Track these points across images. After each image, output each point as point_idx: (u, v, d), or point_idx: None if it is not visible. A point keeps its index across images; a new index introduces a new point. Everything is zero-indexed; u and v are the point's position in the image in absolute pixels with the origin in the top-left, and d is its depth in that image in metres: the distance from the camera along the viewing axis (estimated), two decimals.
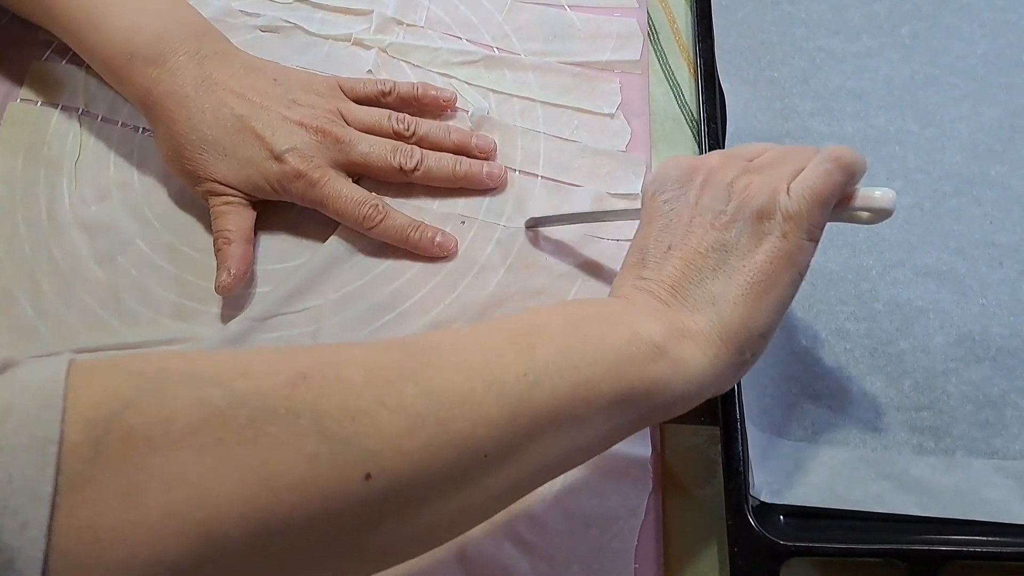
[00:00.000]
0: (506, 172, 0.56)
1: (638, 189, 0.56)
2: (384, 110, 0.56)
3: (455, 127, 0.57)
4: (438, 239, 0.54)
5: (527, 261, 0.54)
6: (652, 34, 0.63)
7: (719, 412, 0.49)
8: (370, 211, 0.53)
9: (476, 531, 0.46)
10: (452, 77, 0.60)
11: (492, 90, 0.60)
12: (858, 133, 0.59)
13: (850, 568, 0.47)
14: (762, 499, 0.47)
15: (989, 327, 0.53)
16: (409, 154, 0.54)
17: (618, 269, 0.43)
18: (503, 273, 0.54)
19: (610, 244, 0.55)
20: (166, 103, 0.51)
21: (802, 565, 0.47)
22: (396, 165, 0.54)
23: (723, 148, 0.56)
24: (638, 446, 0.49)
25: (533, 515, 0.47)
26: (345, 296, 0.53)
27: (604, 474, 0.48)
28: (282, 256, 0.54)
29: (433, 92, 0.58)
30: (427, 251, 0.54)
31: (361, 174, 0.55)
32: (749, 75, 0.60)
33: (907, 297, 0.54)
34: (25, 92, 0.59)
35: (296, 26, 0.62)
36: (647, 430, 0.49)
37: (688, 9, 0.64)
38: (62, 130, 0.57)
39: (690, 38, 0.63)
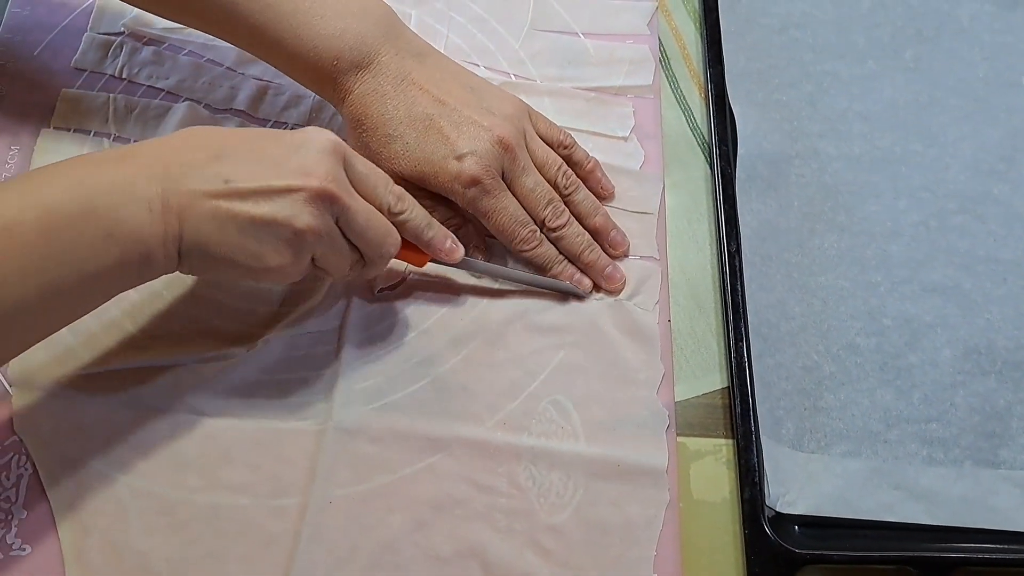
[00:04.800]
0: (623, 284, 0.56)
1: (655, 208, 0.58)
2: (557, 157, 0.56)
3: (605, 210, 0.57)
4: (577, 277, 0.55)
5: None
6: (664, 60, 0.65)
7: (734, 425, 0.51)
8: (528, 234, 0.54)
9: (498, 539, 0.48)
10: None
11: None
12: (865, 154, 0.60)
13: (862, 575, 0.48)
14: (777, 509, 0.49)
15: (995, 341, 0.54)
16: (559, 213, 0.55)
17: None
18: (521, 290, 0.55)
19: (625, 262, 0.57)
20: (366, 100, 0.53)
21: (816, 572, 0.48)
22: (542, 216, 0.54)
23: (734, 169, 0.58)
24: (655, 458, 0.50)
25: (553, 524, 0.49)
26: (368, 314, 0.54)
27: (623, 485, 0.50)
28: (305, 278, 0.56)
29: (600, 174, 0.58)
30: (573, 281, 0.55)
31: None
32: (758, 98, 0.62)
33: (915, 312, 0.55)
34: (57, 120, 0.60)
35: None
36: (664, 441, 0.51)
37: (698, 35, 0.66)
38: None
39: (700, 63, 0.64)
